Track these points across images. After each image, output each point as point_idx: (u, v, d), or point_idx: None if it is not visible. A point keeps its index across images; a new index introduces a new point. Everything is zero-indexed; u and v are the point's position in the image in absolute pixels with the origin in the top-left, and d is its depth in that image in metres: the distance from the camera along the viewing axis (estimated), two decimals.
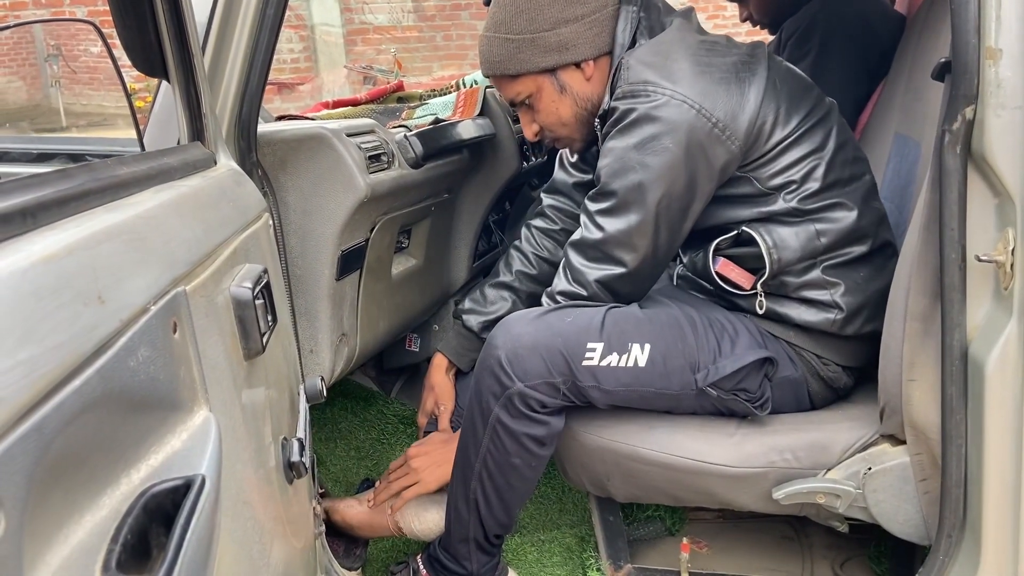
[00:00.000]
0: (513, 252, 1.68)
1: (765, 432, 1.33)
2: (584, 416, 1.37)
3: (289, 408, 1.05)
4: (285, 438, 0.99)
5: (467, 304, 1.64)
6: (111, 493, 0.49)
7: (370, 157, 1.43)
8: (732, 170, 1.29)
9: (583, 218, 1.36)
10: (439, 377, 1.64)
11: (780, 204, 1.31)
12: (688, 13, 1.40)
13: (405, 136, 1.58)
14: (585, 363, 1.28)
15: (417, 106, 2.00)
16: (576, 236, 1.37)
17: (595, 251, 1.33)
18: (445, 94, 2.10)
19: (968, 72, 1.00)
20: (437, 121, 1.75)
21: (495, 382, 1.30)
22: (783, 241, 1.30)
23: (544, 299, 1.40)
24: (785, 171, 1.30)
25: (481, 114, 1.90)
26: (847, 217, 1.30)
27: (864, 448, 1.29)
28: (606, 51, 1.37)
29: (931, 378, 1.14)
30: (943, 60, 1.07)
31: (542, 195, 1.72)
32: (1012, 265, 1.02)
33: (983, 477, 1.09)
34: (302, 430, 1.05)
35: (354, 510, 1.54)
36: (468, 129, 1.78)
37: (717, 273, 1.35)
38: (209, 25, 1.21)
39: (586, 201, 1.36)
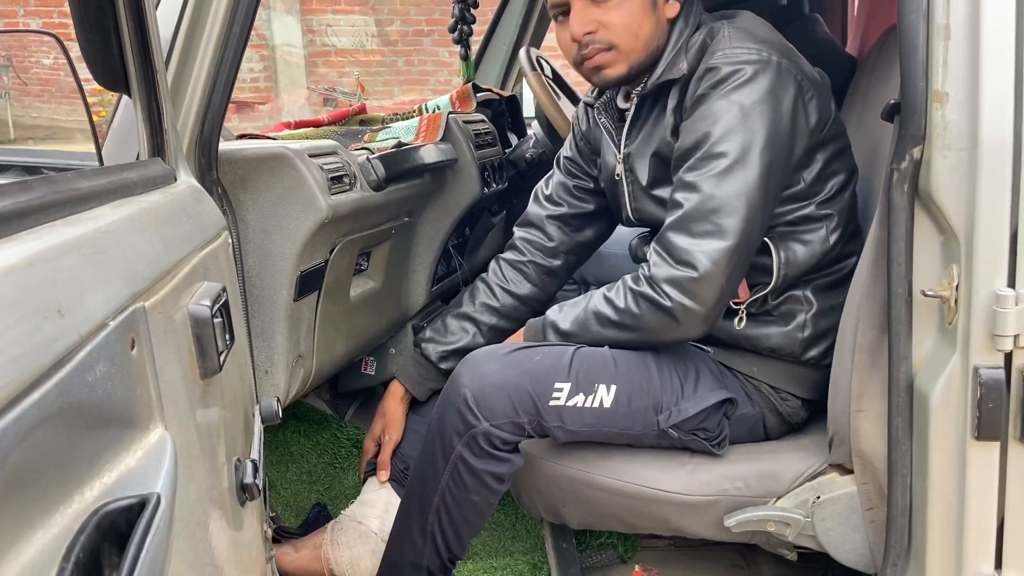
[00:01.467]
0: (478, 284, 1.66)
1: (718, 461, 1.35)
2: (540, 443, 1.38)
3: (243, 429, 1.03)
4: (238, 459, 0.97)
5: (427, 333, 1.63)
6: (63, 510, 0.48)
7: (332, 178, 1.43)
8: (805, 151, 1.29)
9: (679, 193, 1.26)
10: (392, 405, 1.62)
11: (811, 209, 1.31)
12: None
13: (367, 158, 1.58)
14: (552, 403, 1.28)
15: (379, 129, 2.00)
16: (674, 216, 1.26)
17: (702, 222, 1.23)
18: (408, 118, 2.10)
19: (916, 114, 1.04)
20: (400, 145, 1.76)
21: (459, 420, 1.28)
22: (795, 258, 1.32)
23: (625, 289, 1.29)
24: (826, 170, 1.31)
25: (443, 139, 1.91)
26: (850, 227, 1.34)
27: (813, 477, 1.31)
28: (681, 5, 1.35)
29: (878, 409, 1.17)
30: (892, 102, 1.11)
31: (515, 229, 1.68)
32: (956, 301, 1.06)
33: (927, 507, 1.12)
34: (256, 451, 1.03)
35: (289, 557, 1.51)
36: (430, 153, 1.79)
37: None
38: (174, 41, 1.20)
39: (683, 174, 1.26)
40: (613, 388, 1.29)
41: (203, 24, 1.22)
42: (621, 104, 1.46)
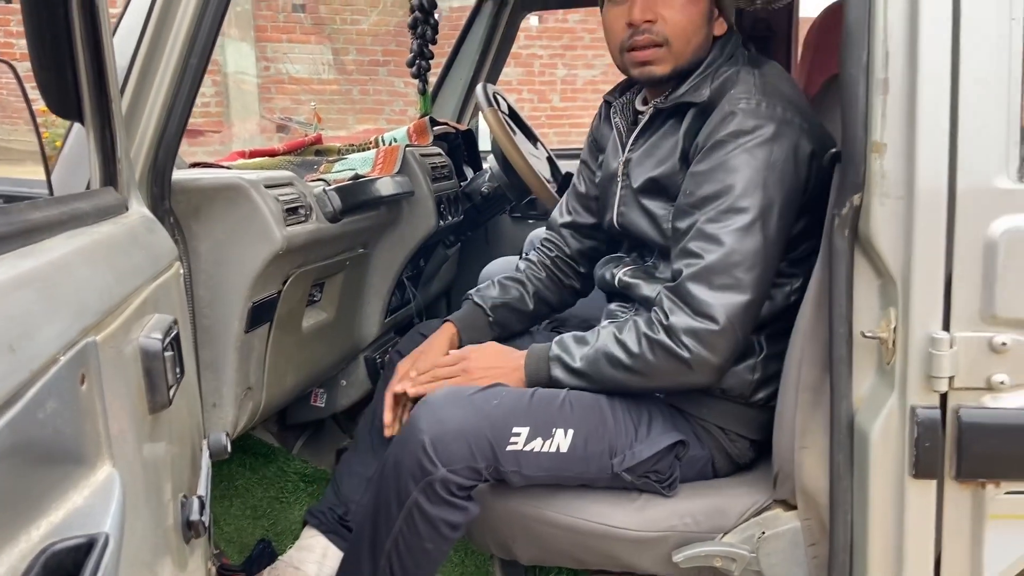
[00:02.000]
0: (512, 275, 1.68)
1: (667, 497, 1.36)
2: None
3: (191, 464, 1.02)
4: (185, 495, 0.95)
5: (478, 288, 1.63)
6: (10, 550, 0.47)
7: (288, 209, 1.42)
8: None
9: (697, 243, 1.26)
10: (439, 339, 1.52)
11: (783, 266, 1.32)
12: None
13: (324, 190, 1.59)
14: (510, 448, 1.27)
15: (335, 160, 2.01)
16: (693, 268, 1.25)
17: (723, 275, 1.24)
18: (364, 150, 2.11)
19: (856, 163, 1.09)
20: (357, 177, 1.77)
21: (416, 466, 1.26)
22: (768, 298, 1.33)
23: (639, 334, 1.29)
24: (805, 231, 1.32)
25: (400, 172, 1.92)
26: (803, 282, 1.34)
27: (759, 513, 1.34)
28: (724, 30, 1.38)
29: (821, 446, 1.21)
30: (834, 151, 1.16)
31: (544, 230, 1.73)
32: (894, 342, 1.10)
33: (868, 543, 1.15)
34: (203, 487, 1.02)
35: None
36: (387, 186, 1.80)
37: None
38: (130, 68, 1.19)
39: (703, 224, 1.26)
40: (570, 432, 1.30)
41: (161, 52, 1.22)
42: (639, 106, 1.48)
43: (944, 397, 1.09)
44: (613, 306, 1.51)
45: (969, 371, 1.07)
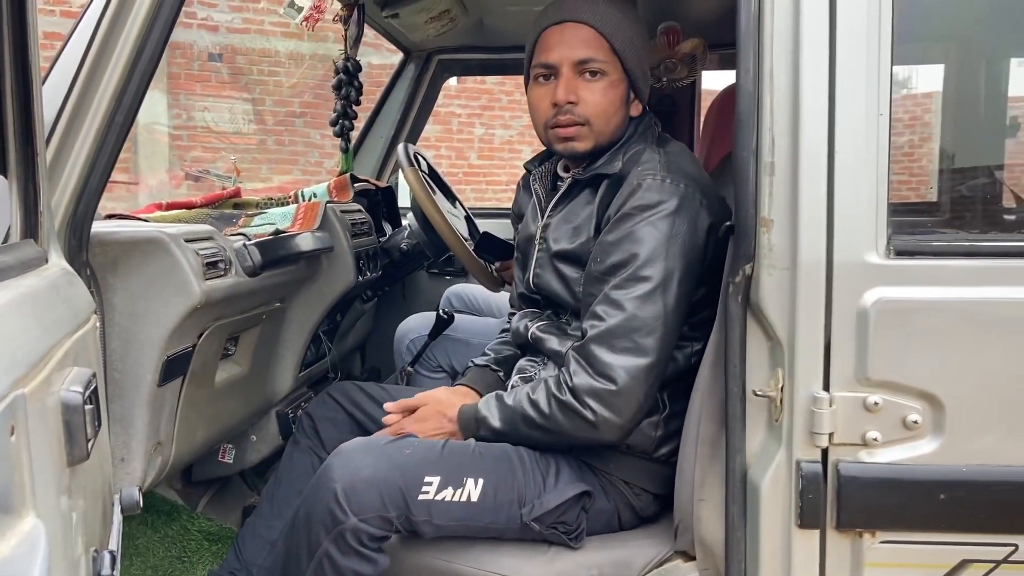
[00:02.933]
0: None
1: (576, 549, 1.41)
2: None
3: (102, 518, 1.01)
4: (96, 550, 0.95)
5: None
6: None
7: (207, 263, 1.44)
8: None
9: (602, 307, 1.34)
10: (454, 397, 1.52)
11: (685, 330, 1.40)
12: None
13: (244, 244, 1.60)
14: (421, 497, 1.30)
15: (255, 214, 2.02)
16: (597, 329, 1.33)
17: (624, 339, 1.31)
18: (284, 204, 2.14)
19: (747, 236, 1.19)
20: (278, 232, 1.79)
21: (327, 515, 1.27)
22: (672, 360, 1.40)
23: (549, 394, 1.35)
24: (706, 298, 1.41)
25: (320, 228, 1.95)
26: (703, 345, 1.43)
27: (661, 564, 1.40)
28: (640, 111, 1.50)
29: (717, 498, 1.29)
30: (728, 224, 1.27)
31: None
32: (781, 400, 1.20)
33: None
34: (114, 542, 1.01)
35: None
36: (307, 241, 1.83)
37: None
38: (57, 120, 1.20)
39: (609, 290, 1.34)
40: (481, 481, 1.34)
41: (88, 107, 1.23)
42: (561, 172, 1.56)
43: (825, 452, 1.19)
44: (523, 362, 1.57)
45: (847, 428, 1.18)
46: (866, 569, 1.20)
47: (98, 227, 1.37)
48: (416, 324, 2.29)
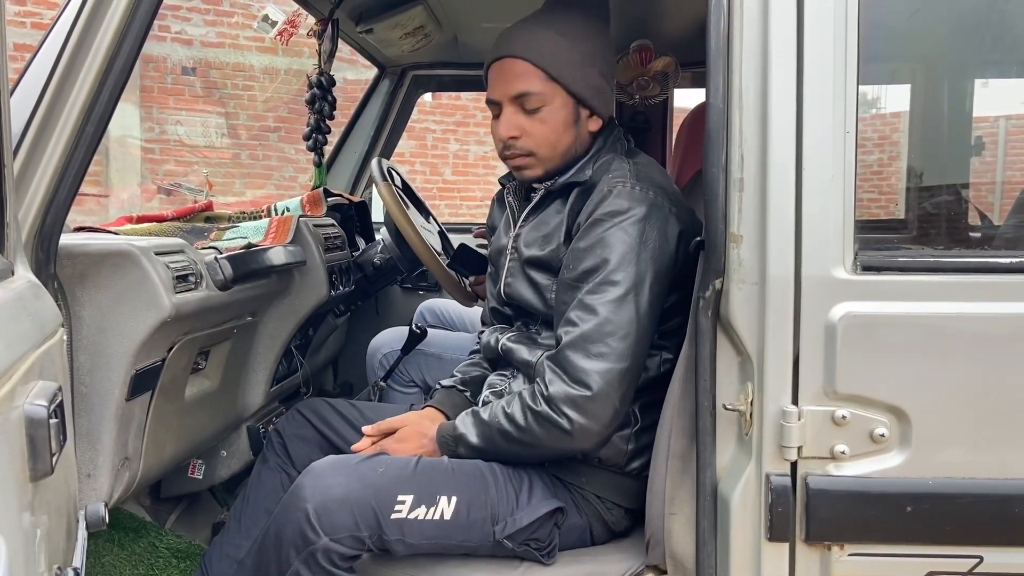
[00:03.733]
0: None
1: (548, 565, 1.40)
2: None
3: (66, 535, 0.99)
4: (59, 568, 0.93)
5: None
6: None
7: (177, 277, 1.42)
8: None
9: (576, 313, 1.34)
10: (423, 423, 1.50)
11: (654, 338, 1.41)
12: None
13: (215, 258, 1.59)
14: (394, 516, 1.29)
15: (227, 228, 2.01)
16: (571, 335, 1.33)
17: (598, 344, 1.31)
18: (256, 218, 2.13)
19: (717, 251, 1.21)
20: (249, 245, 1.78)
21: (298, 535, 1.26)
22: (643, 369, 1.41)
23: (524, 407, 1.35)
24: (675, 306, 1.43)
25: (293, 242, 1.94)
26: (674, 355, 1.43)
27: None
28: (603, 123, 1.49)
29: (688, 512, 1.29)
30: (698, 239, 1.28)
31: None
32: (751, 414, 1.21)
33: None
34: (79, 559, 0.99)
35: None
36: (279, 255, 1.82)
37: None
38: (25, 131, 1.19)
39: (582, 296, 1.34)
40: (454, 499, 1.33)
41: (57, 118, 1.22)
42: (535, 184, 1.55)
43: (794, 465, 1.20)
44: (493, 377, 1.57)
45: (815, 442, 1.19)
46: None
47: (67, 239, 1.35)
48: (389, 339, 2.28)
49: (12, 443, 0.76)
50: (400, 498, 1.30)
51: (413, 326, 2.20)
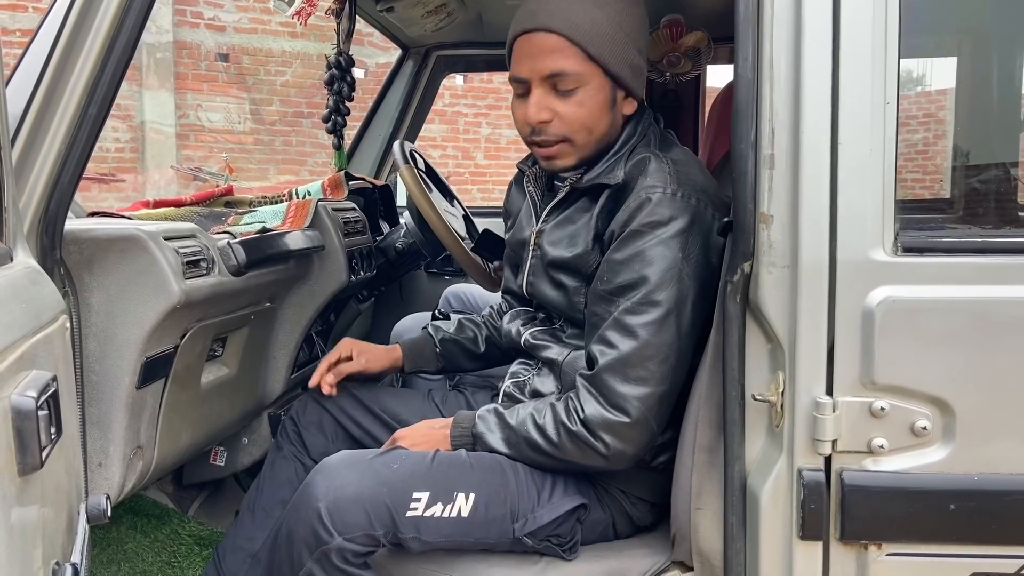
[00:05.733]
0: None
1: (568, 560, 1.35)
2: None
3: (66, 528, 0.96)
4: (58, 562, 0.90)
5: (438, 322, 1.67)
6: None
7: (188, 262, 1.39)
8: None
9: (614, 334, 1.26)
10: (379, 350, 1.60)
11: None
12: None
13: (228, 243, 1.56)
14: (409, 514, 1.24)
15: (245, 212, 1.98)
16: (608, 357, 1.26)
17: (638, 368, 1.24)
18: (276, 202, 2.09)
19: (746, 232, 1.14)
20: (264, 230, 1.74)
21: (311, 534, 1.21)
22: None
23: (558, 422, 1.29)
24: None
25: (311, 226, 1.91)
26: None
27: (659, 574, 1.35)
28: (637, 105, 1.38)
29: (715, 507, 1.23)
30: (726, 220, 1.21)
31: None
32: (782, 405, 1.14)
33: None
34: (78, 554, 0.96)
35: None
36: (296, 240, 1.78)
37: None
38: (23, 117, 1.16)
39: (620, 315, 1.26)
40: (472, 496, 1.28)
41: (58, 101, 1.19)
42: (564, 174, 1.42)
43: (828, 460, 1.13)
44: (517, 366, 1.51)
45: (851, 435, 1.12)
46: None
47: (74, 225, 1.33)
48: (412, 325, 2.24)
49: None
50: (416, 495, 1.25)
51: (436, 312, 2.16)
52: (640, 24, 1.37)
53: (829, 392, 1.12)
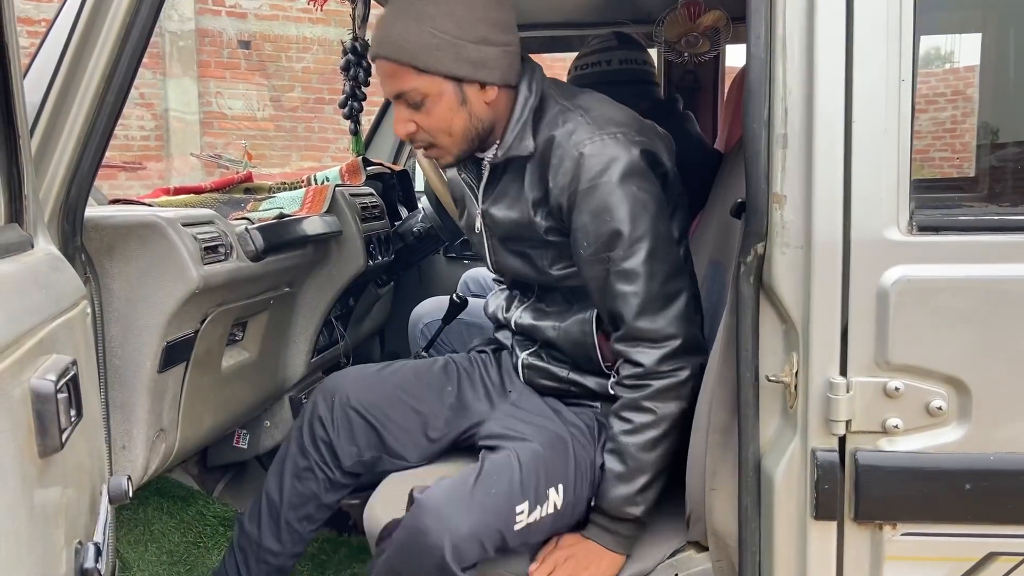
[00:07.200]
0: None
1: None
2: None
3: (89, 509, 0.99)
4: (80, 542, 0.92)
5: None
6: None
7: (206, 248, 1.41)
8: None
9: (623, 284, 1.33)
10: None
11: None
12: None
13: (246, 228, 1.57)
14: (516, 527, 1.31)
15: (264, 198, 2.00)
16: (631, 305, 1.33)
17: (658, 299, 1.34)
18: (295, 188, 2.11)
19: (759, 213, 1.13)
20: (282, 216, 1.76)
21: (435, 571, 1.25)
22: None
23: (641, 400, 1.34)
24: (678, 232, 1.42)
25: (329, 211, 1.92)
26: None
27: (673, 554, 1.36)
28: (512, 84, 1.40)
29: (730, 488, 1.23)
30: (739, 200, 1.20)
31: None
32: (796, 386, 1.14)
33: None
34: (101, 533, 0.99)
35: None
36: (314, 225, 1.79)
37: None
38: (42, 106, 1.18)
39: (620, 264, 1.33)
40: (560, 487, 1.35)
41: (76, 90, 1.20)
42: (478, 155, 1.48)
43: (842, 440, 1.12)
44: (512, 338, 1.58)
45: (865, 415, 1.11)
46: (887, 563, 1.14)
47: (95, 212, 1.35)
48: (430, 308, 2.25)
49: (16, 418, 0.75)
50: (518, 509, 1.31)
51: (454, 296, 2.17)
52: (470, 13, 1.34)
53: (843, 372, 1.11)
